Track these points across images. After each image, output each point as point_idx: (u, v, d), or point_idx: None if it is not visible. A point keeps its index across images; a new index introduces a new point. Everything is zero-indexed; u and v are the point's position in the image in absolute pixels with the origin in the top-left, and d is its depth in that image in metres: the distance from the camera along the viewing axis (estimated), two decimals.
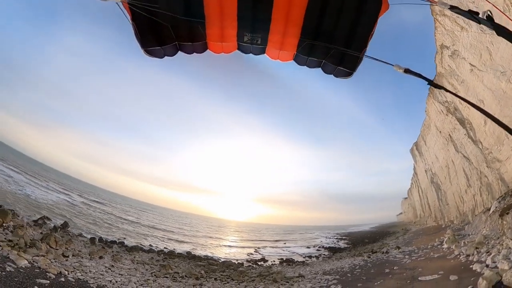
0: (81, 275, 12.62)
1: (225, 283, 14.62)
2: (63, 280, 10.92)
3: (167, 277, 15.68)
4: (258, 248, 46.53)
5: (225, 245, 45.90)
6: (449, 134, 33.74)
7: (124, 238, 29.84)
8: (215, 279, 15.75)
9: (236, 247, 45.79)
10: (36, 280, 9.74)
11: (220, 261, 25.98)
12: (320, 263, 24.47)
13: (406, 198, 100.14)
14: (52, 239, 16.58)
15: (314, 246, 52.67)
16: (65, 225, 24.69)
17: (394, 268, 13.77)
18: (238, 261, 26.65)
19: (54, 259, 13.53)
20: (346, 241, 63.75)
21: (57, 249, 15.72)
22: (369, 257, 21.08)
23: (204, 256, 28.14)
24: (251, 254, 38.04)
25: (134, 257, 20.42)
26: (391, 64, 3.24)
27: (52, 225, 23.22)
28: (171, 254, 25.54)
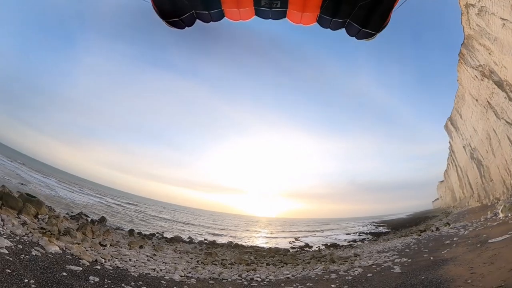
0: (120, 263, 10.75)
1: (280, 267, 13.27)
2: (99, 267, 9.03)
3: (215, 264, 13.59)
4: (298, 237, 44.05)
5: (263, 236, 43.70)
6: (487, 101, 29.55)
7: (163, 232, 28.55)
8: (267, 264, 14.52)
9: (275, 237, 43.40)
10: (66, 266, 7.87)
11: (266, 248, 23.65)
12: (368, 245, 22.67)
13: (442, 181, 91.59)
14: (88, 229, 15.12)
15: (354, 233, 49.18)
16: (102, 220, 23.67)
17: (455, 239, 12.72)
18: (284, 248, 24.37)
19: (89, 247, 11.83)
20: (385, 227, 58.93)
21: (93, 238, 14.15)
22: (420, 236, 19.59)
23: (246, 245, 25.98)
24: (293, 242, 35.58)
25: (176, 247, 18.68)
26: None
27: (90, 218, 22.21)
28: (213, 244, 23.69)
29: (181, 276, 9.66)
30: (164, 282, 8.97)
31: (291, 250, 23.51)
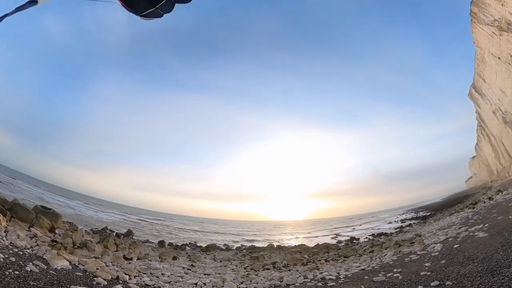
0: (150, 279, 8.04)
1: (342, 261, 11.46)
2: (121, 287, 6.26)
3: (268, 269, 10.64)
4: (338, 233, 40.19)
5: (301, 237, 40.02)
6: (511, 55, 26.40)
7: (195, 242, 25.89)
8: (326, 260, 12.58)
9: (315, 236, 39.57)
10: (70, 286, 5.13)
11: (312, 246, 20.49)
12: (420, 227, 20.17)
13: (474, 157, 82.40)
14: (111, 241, 12.64)
15: (395, 221, 44.29)
16: (128, 233, 21.41)
17: None
18: (333, 244, 21.20)
19: (111, 262, 9.24)
20: (425, 211, 52.91)
21: (116, 251, 11.59)
22: (474, 208, 17.57)
23: (290, 245, 22.72)
24: (335, 237, 31.97)
25: (214, 255, 15.84)
26: None
27: (114, 232, 19.97)
28: (253, 248, 20.68)
29: None
30: None
31: (340, 245, 20.33)
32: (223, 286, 7.65)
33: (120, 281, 7.12)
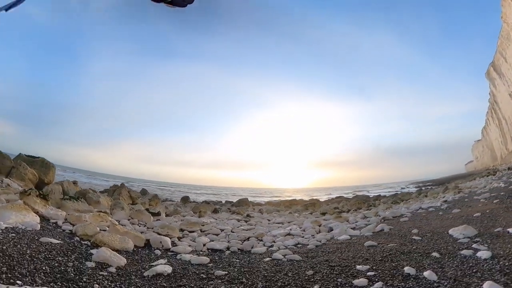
0: (213, 240, 4.01)
1: (387, 208, 9.96)
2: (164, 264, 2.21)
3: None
4: (356, 193, 37.51)
5: (323, 195, 37.36)
6: None
7: (220, 201, 22.59)
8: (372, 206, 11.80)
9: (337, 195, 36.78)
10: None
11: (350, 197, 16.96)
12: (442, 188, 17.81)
13: (478, 140, 78.05)
14: (124, 193, 8.92)
15: (408, 188, 42.20)
16: (144, 192, 18.10)
17: None
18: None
19: (128, 218, 5.36)
20: (431, 184, 49.63)
21: (134, 205, 7.83)
22: (495, 174, 17.96)
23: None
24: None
25: (260, 209, 12.28)
26: None
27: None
28: (294, 201, 17.42)
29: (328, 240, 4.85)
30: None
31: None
32: (319, 232, 5.56)
33: (160, 249, 3.27)
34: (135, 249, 3.44)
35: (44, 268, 2.23)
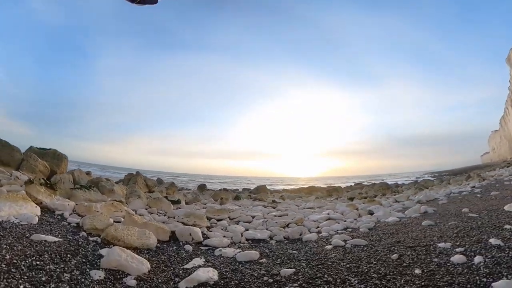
0: (249, 229, 3.14)
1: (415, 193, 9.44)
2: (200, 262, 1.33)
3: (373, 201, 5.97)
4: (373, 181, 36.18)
5: (341, 183, 36.33)
6: None
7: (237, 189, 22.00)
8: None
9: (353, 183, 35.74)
10: None
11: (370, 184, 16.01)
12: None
13: (496, 130, 73.45)
14: (140, 181, 8.27)
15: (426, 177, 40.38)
16: (159, 182, 17.64)
17: None
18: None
19: (145, 207, 4.59)
20: (447, 175, 47.17)
21: (151, 193, 7.13)
22: None
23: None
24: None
25: (281, 195, 11.45)
26: None
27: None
28: (313, 188, 16.62)
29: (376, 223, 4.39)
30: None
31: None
32: (359, 215, 5.12)
33: (189, 242, 2.47)
34: (158, 244, 2.64)
35: (21, 287, 1.42)
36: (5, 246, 1.91)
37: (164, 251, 2.50)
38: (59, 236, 2.35)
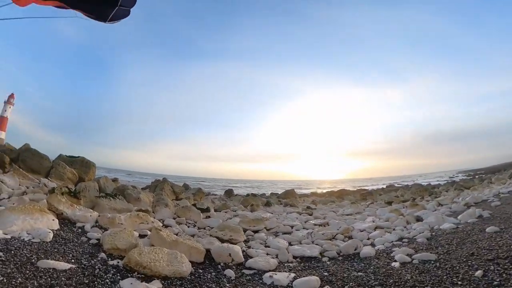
0: (299, 245, 2.48)
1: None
2: None
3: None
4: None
5: (372, 185, 34.52)
6: None
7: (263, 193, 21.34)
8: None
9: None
10: None
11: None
12: None
13: None
14: (167, 188, 7.94)
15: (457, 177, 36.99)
16: (186, 187, 17.45)
17: None
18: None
19: (173, 216, 4.12)
20: (484, 174, 42.65)
21: (178, 200, 6.73)
22: None
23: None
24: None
25: (313, 200, 10.66)
26: None
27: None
28: (343, 191, 15.57)
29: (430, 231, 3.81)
30: None
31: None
32: (407, 222, 4.43)
33: (229, 264, 1.89)
34: (193, 269, 2.08)
35: None
36: (1, 278, 1.45)
37: (200, 280, 1.94)
38: (73, 260, 1.88)
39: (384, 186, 24.95)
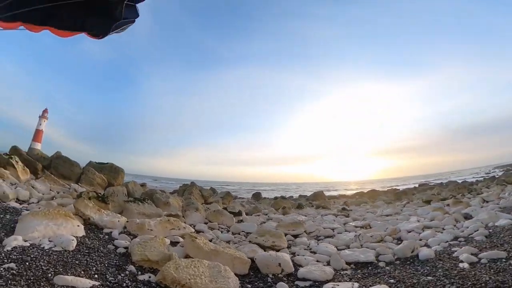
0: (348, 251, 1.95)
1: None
2: None
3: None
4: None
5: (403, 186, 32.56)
6: None
7: (288, 196, 20.74)
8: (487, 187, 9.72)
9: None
10: None
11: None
12: None
13: None
14: (195, 192, 7.70)
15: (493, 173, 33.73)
16: (213, 191, 17.27)
17: None
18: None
19: (205, 221, 3.77)
20: None
21: (207, 204, 6.41)
22: None
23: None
24: None
25: (345, 201, 9.93)
26: None
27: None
28: (375, 191, 14.59)
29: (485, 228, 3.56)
30: None
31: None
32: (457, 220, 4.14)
33: (279, 276, 1.45)
34: (240, 282, 1.67)
35: None
36: None
37: None
38: (96, 275, 1.54)
39: (416, 185, 23.45)
